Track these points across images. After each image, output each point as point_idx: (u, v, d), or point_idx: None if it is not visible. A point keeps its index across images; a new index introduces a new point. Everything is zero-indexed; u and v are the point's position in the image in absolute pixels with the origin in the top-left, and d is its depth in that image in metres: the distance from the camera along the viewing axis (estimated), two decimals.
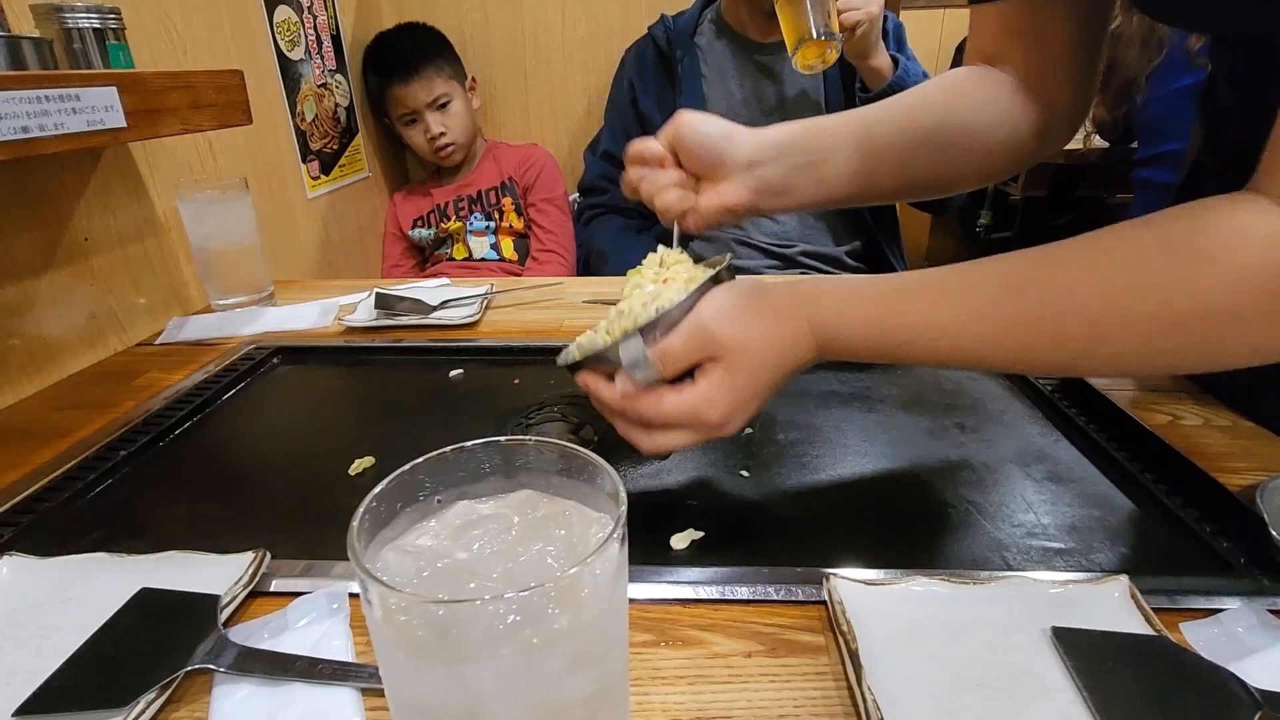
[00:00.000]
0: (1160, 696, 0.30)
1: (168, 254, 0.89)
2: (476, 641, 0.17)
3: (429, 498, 0.23)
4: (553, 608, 0.18)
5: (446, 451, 0.23)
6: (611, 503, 0.21)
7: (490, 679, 0.18)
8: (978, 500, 0.48)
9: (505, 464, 0.23)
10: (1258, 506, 0.42)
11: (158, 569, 0.41)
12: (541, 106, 1.66)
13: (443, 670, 0.18)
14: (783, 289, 0.44)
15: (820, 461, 0.55)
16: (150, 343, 0.81)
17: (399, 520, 0.22)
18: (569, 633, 0.18)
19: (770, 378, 0.43)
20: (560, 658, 0.18)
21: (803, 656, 0.35)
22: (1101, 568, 0.41)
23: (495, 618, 0.17)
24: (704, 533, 0.45)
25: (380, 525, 0.21)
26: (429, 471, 0.22)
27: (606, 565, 0.19)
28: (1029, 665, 0.33)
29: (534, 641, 0.17)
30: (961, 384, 0.66)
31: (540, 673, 0.18)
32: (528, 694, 0.18)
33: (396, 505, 0.22)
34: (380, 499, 0.21)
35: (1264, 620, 0.36)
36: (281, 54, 1.17)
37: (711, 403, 0.41)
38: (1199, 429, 0.56)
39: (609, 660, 0.20)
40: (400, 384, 0.72)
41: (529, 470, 0.24)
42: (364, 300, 0.87)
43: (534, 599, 0.17)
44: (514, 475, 0.24)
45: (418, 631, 0.17)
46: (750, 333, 0.42)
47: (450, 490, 0.23)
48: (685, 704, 0.32)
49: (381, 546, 0.21)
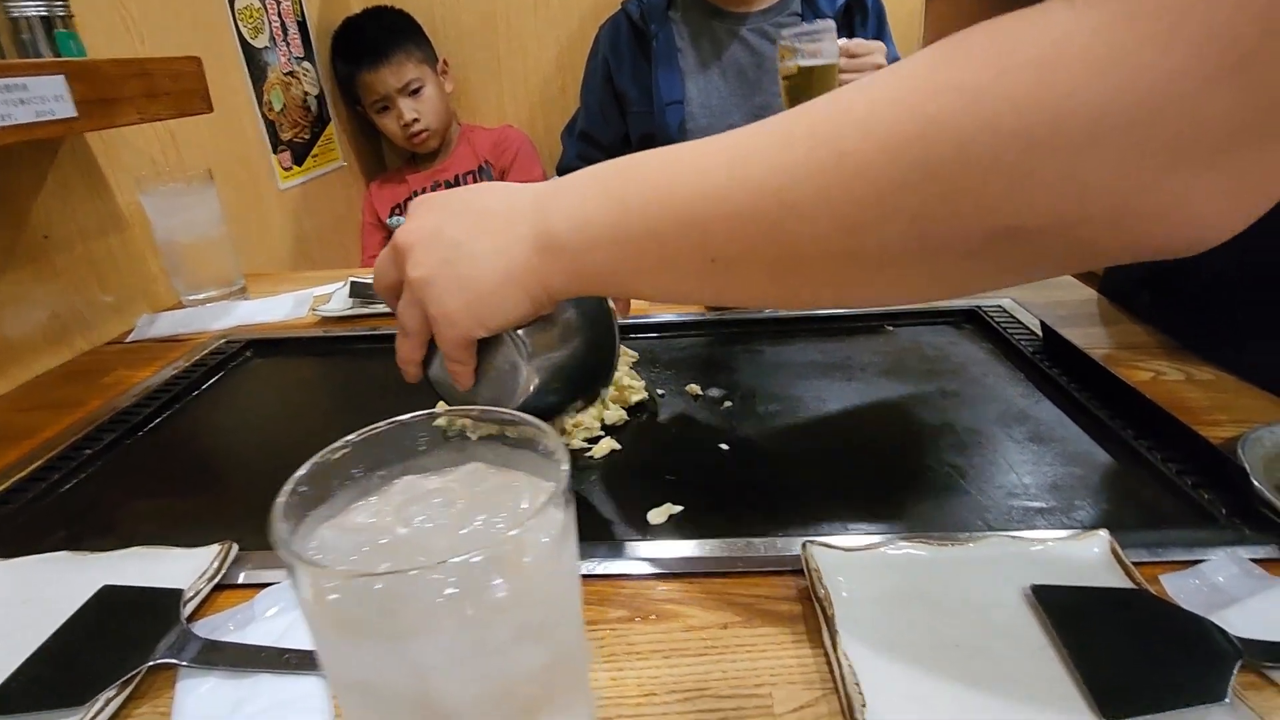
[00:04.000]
0: (1140, 648, 0.30)
1: (133, 250, 0.87)
2: (413, 616, 0.16)
3: (369, 474, 0.22)
4: (493, 577, 0.17)
5: (380, 427, 0.22)
6: (555, 467, 0.20)
7: (432, 654, 0.17)
8: (959, 463, 0.48)
9: (451, 436, 0.22)
10: (1239, 457, 0.41)
11: (122, 565, 0.40)
12: (516, 88, 1.63)
13: (382, 648, 0.17)
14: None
15: (800, 432, 0.54)
16: (119, 341, 0.80)
17: (337, 498, 0.21)
18: (513, 602, 0.17)
19: (449, 197, 0.39)
20: (505, 628, 0.17)
21: (780, 626, 0.34)
22: (1083, 524, 0.41)
23: (431, 590, 0.16)
24: (682, 507, 0.44)
25: (315, 503, 0.20)
26: (366, 448, 0.21)
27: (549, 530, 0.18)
28: (1008, 624, 0.32)
29: (472, 613, 0.17)
30: (944, 350, 0.65)
31: (485, 645, 0.17)
32: (474, 668, 0.18)
33: (333, 483, 0.21)
34: (310, 478, 0.20)
35: (1245, 569, 0.35)
36: (245, 42, 1.14)
37: (400, 231, 0.39)
38: (1181, 384, 0.55)
39: (560, 630, 0.20)
40: (375, 372, 0.70)
41: (478, 442, 0.23)
42: (339, 290, 0.85)
43: (470, 568, 0.16)
44: (462, 448, 0.23)
45: (350, 610, 0.17)
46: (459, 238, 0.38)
47: (394, 466, 0.22)
48: (660, 677, 0.32)
49: (318, 525, 0.20)
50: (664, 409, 0.57)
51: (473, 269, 0.37)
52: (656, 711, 0.30)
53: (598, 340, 0.48)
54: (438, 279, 0.38)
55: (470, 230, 0.38)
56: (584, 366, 0.47)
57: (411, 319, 0.40)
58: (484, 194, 0.40)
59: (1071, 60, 0.22)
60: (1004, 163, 0.24)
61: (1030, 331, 0.64)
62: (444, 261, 0.38)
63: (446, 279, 0.38)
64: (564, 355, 0.45)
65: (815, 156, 0.28)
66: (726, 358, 0.65)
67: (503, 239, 0.37)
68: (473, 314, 0.38)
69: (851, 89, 0.29)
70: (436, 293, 0.38)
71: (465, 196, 0.40)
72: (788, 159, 0.29)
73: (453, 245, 0.38)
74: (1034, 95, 0.23)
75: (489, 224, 0.38)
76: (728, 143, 0.32)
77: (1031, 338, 0.63)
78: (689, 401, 0.58)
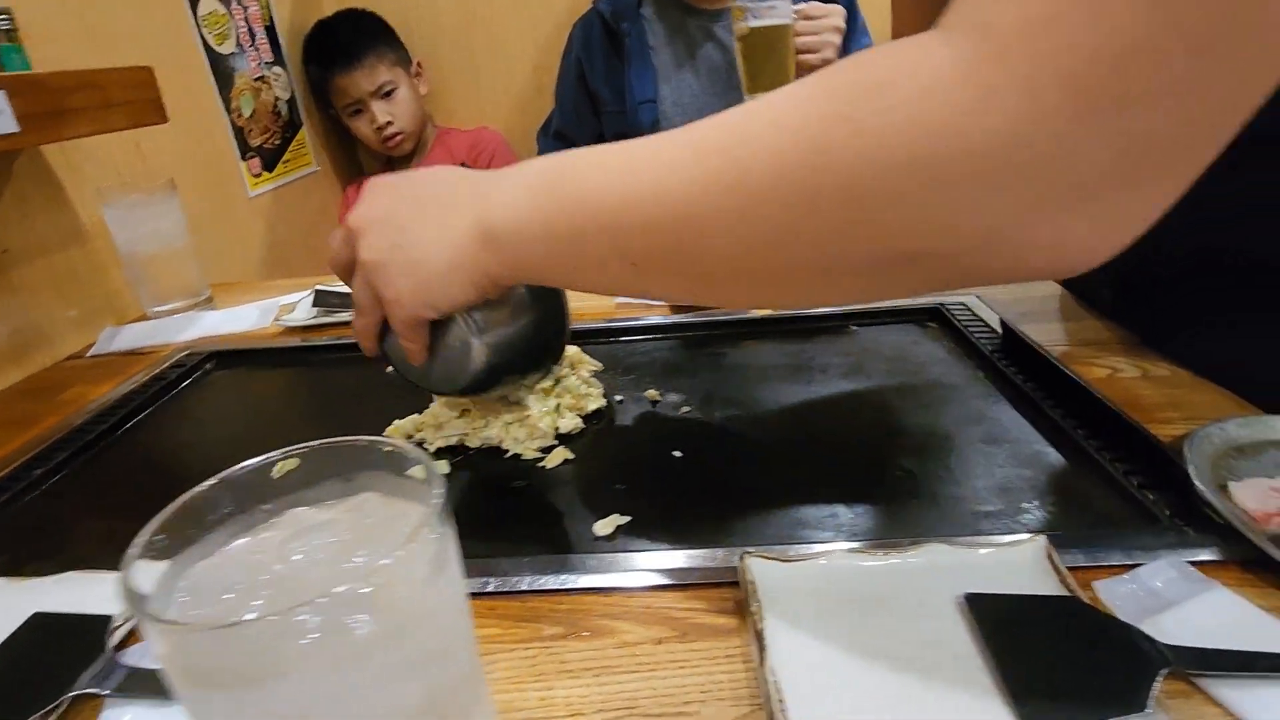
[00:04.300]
0: (1064, 657, 0.29)
1: (96, 262, 0.86)
2: (269, 663, 0.16)
3: (252, 509, 0.21)
4: (355, 615, 0.17)
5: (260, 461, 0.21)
6: (429, 493, 0.19)
7: (293, 702, 0.17)
8: (911, 467, 0.47)
9: (339, 467, 0.22)
10: (1184, 457, 0.41)
11: (56, 590, 0.39)
12: (494, 89, 1.62)
13: (239, 700, 0.16)
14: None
15: (756, 438, 0.54)
16: (81, 356, 0.79)
17: (215, 534, 0.21)
18: (381, 640, 0.17)
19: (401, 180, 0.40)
20: (373, 668, 0.17)
21: (714, 640, 0.34)
22: (1028, 529, 0.41)
23: (288, 634, 0.16)
24: (630, 517, 0.44)
25: (188, 542, 0.20)
26: (246, 482, 0.21)
27: (419, 561, 0.18)
28: (939, 634, 0.32)
29: (333, 655, 0.16)
30: (905, 350, 0.65)
31: (352, 688, 0.17)
32: (342, 713, 0.17)
33: (209, 519, 0.20)
34: (179, 515, 0.19)
35: (1184, 573, 0.35)
36: (210, 49, 1.13)
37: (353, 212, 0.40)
38: (1136, 381, 0.55)
39: (442, 663, 0.19)
40: (338, 382, 0.70)
41: (370, 470, 0.22)
42: (303, 299, 0.85)
43: (328, 608, 0.16)
44: (353, 478, 0.22)
45: (205, 660, 0.16)
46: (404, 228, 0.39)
47: (280, 499, 0.22)
48: (589, 696, 0.31)
49: (191, 564, 0.20)
50: (621, 416, 0.57)
51: (420, 254, 0.39)
52: None
53: (548, 317, 0.49)
54: (388, 262, 0.39)
55: (419, 216, 0.39)
56: (534, 342, 0.48)
57: (365, 298, 0.42)
58: (435, 180, 0.41)
59: (944, 100, 0.23)
60: (886, 194, 0.24)
61: (992, 329, 0.64)
62: (394, 246, 0.39)
63: (396, 262, 0.39)
64: (514, 332, 0.46)
65: (723, 177, 0.28)
66: (687, 362, 0.65)
67: (448, 226, 0.38)
68: (421, 297, 0.39)
69: (764, 105, 0.29)
70: (387, 275, 0.39)
71: (417, 181, 0.41)
72: (698, 174, 0.29)
73: (402, 230, 0.39)
74: (908, 132, 0.24)
75: (436, 210, 0.39)
76: (655, 148, 0.32)
77: (993, 335, 0.63)
78: (647, 408, 0.57)
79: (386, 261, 0.39)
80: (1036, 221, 0.23)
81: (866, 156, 0.24)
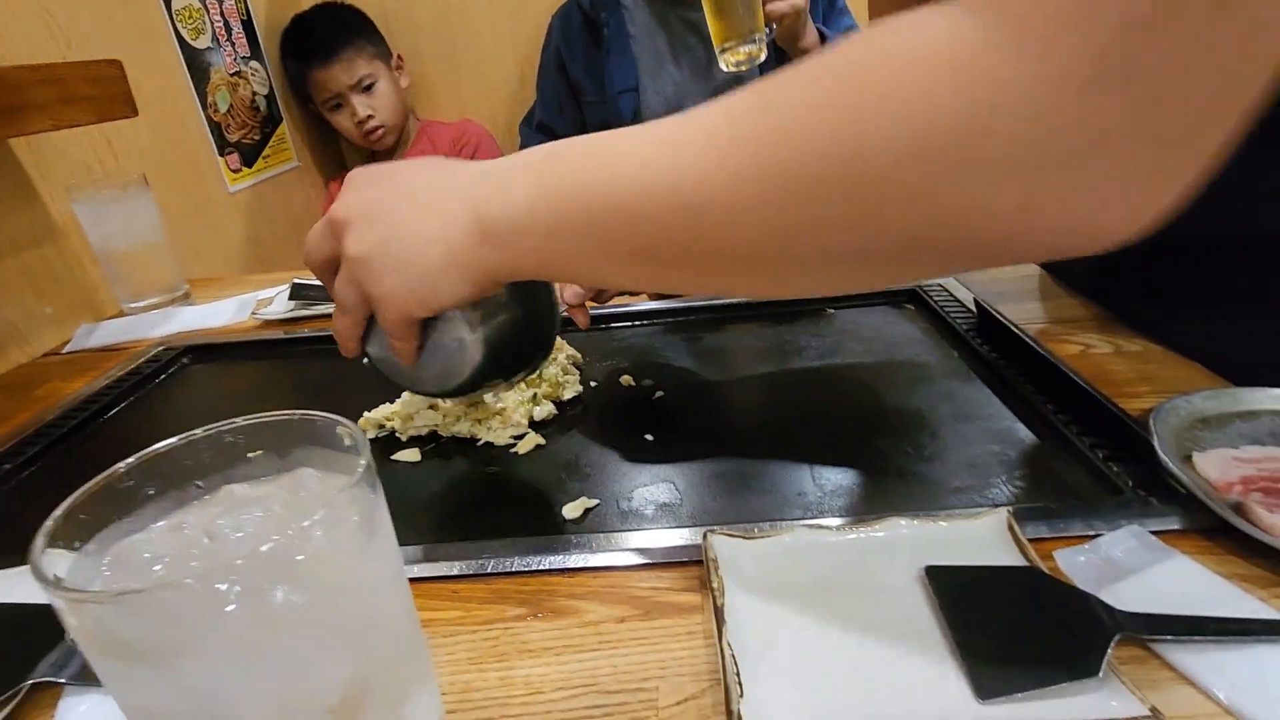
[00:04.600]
0: (1020, 626, 0.30)
1: (71, 259, 0.85)
2: (182, 634, 0.16)
3: (184, 485, 0.21)
4: (271, 584, 0.16)
5: (195, 434, 0.21)
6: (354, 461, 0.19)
7: (216, 674, 0.16)
8: (883, 446, 0.47)
9: (274, 442, 0.22)
10: (1150, 430, 0.41)
11: (17, 583, 0.39)
12: (474, 81, 1.61)
13: (154, 671, 0.16)
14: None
15: (728, 421, 0.53)
16: (57, 352, 0.78)
17: (145, 511, 0.20)
18: (298, 610, 0.17)
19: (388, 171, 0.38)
20: (292, 640, 0.17)
21: (675, 618, 0.34)
22: (995, 503, 0.41)
23: (200, 604, 0.16)
24: (598, 500, 0.44)
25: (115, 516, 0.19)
26: (177, 457, 0.20)
27: (343, 527, 0.17)
28: (899, 608, 0.32)
29: (247, 626, 0.16)
30: (881, 331, 0.65)
31: (270, 660, 0.17)
32: (261, 685, 0.17)
33: (140, 494, 0.20)
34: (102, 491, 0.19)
35: (1144, 542, 0.35)
36: (185, 43, 1.12)
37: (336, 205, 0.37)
38: (1109, 356, 0.55)
39: (377, 637, 0.19)
40: (314, 374, 0.70)
41: (306, 446, 0.22)
42: (281, 293, 0.84)
43: (241, 576, 0.16)
44: (288, 453, 0.22)
45: (117, 632, 0.16)
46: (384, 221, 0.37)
47: (215, 475, 0.21)
48: (549, 675, 0.31)
49: (116, 540, 0.20)
50: (595, 402, 0.57)
51: (413, 250, 0.36)
52: (540, 709, 0.30)
53: (540, 311, 0.47)
54: (376, 258, 0.37)
55: (409, 209, 0.37)
56: (528, 338, 0.47)
57: (349, 296, 0.39)
58: (424, 170, 0.39)
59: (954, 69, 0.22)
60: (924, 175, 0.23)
61: (968, 309, 0.64)
62: (383, 240, 0.36)
63: (386, 258, 0.36)
64: (509, 329, 0.43)
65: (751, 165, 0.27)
66: (665, 347, 0.65)
67: (441, 221, 0.36)
68: (414, 295, 0.37)
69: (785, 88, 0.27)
70: (376, 272, 0.37)
71: (406, 171, 0.39)
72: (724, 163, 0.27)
73: (391, 224, 0.36)
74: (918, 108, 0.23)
75: (428, 203, 0.36)
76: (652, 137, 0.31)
77: (969, 315, 0.63)
78: (621, 393, 0.57)
79: (375, 256, 0.36)
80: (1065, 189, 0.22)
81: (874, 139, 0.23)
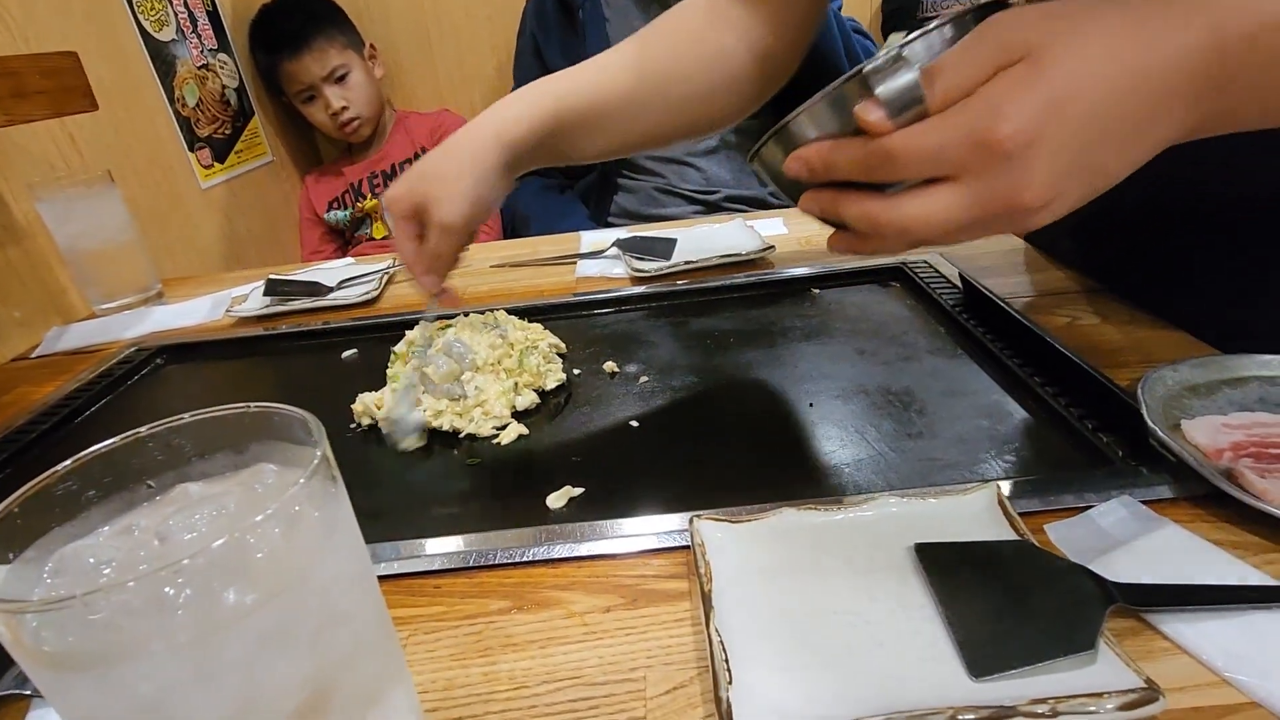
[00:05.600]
0: (1011, 601, 0.29)
1: (37, 260, 0.83)
2: (124, 640, 0.15)
3: (134, 486, 0.20)
4: (220, 584, 0.15)
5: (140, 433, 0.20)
6: (311, 454, 0.18)
7: (164, 680, 0.15)
8: (871, 424, 0.47)
9: (230, 438, 0.21)
10: (1138, 399, 0.41)
11: None
12: (450, 70, 1.58)
13: (98, 682, 0.15)
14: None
15: (713, 405, 0.53)
16: (26, 356, 0.76)
17: (92, 513, 0.19)
18: (248, 610, 0.16)
19: (1112, 91, 0.26)
20: (242, 641, 0.16)
21: (662, 606, 0.33)
22: (984, 478, 0.40)
23: (148, 605, 0.15)
24: (583, 489, 0.43)
25: (59, 520, 0.18)
26: (123, 457, 0.19)
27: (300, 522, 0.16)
28: (890, 586, 0.31)
29: (191, 628, 0.15)
30: (866, 309, 0.64)
31: (228, 663, 0.16)
32: (212, 690, 0.16)
33: (85, 496, 0.19)
34: (38, 494, 0.18)
35: (1135, 512, 0.35)
36: (148, 35, 1.09)
37: (998, 112, 0.25)
38: (1096, 327, 0.55)
39: (341, 638, 0.18)
40: (291, 371, 0.68)
41: (263, 440, 0.21)
42: (255, 289, 0.82)
43: (183, 577, 0.15)
44: (245, 449, 0.21)
45: (54, 642, 0.15)
46: (1080, 20, 0.27)
47: (166, 474, 0.20)
48: (533, 668, 0.31)
49: (59, 544, 0.19)
50: (579, 390, 0.55)
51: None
52: (524, 705, 0.29)
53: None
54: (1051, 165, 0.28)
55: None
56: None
57: (953, 201, 0.29)
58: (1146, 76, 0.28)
59: None
60: None
61: (954, 285, 0.64)
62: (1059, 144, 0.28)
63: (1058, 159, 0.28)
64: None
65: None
66: (649, 333, 0.64)
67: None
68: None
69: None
70: (1039, 178, 0.28)
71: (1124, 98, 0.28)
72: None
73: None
74: None
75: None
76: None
77: (955, 291, 0.62)
78: (605, 380, 0.56)
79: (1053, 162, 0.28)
80: None
81: None
